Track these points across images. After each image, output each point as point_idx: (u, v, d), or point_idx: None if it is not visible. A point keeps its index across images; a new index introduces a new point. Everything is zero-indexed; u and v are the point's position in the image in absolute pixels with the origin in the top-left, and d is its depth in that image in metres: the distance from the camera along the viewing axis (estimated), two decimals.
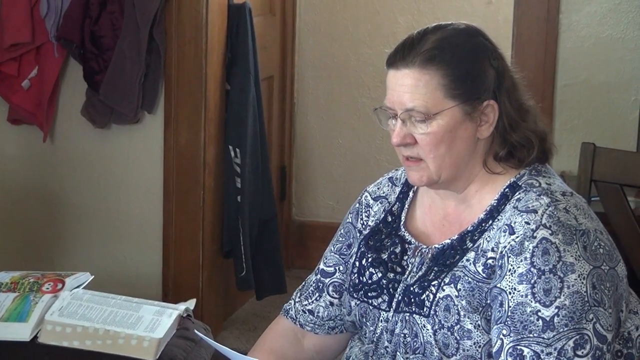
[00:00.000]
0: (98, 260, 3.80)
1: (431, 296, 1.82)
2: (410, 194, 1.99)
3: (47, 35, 3.63)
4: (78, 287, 2.56)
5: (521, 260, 1.74)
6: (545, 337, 1.71)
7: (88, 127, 3.74)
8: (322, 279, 2.03)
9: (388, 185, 2.03)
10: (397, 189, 2.01)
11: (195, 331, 1.95)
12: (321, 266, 2.05)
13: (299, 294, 2.07)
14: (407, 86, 1.81)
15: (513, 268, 1.74)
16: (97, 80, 3.61)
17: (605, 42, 3.59)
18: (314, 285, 2.05)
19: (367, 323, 1.93)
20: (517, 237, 1.76)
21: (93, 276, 2.68)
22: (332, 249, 2.05)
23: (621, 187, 2.40)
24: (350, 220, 2.05)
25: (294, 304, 2.07)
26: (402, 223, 1.96)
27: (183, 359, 2.36)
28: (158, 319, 2.39)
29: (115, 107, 3.65)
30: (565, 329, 1.70)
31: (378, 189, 2.04)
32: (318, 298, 2.03)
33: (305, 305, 2.05)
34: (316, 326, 2.04)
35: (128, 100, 3.60)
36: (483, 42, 1.86)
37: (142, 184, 3.76)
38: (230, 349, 1.85)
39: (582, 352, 1.70)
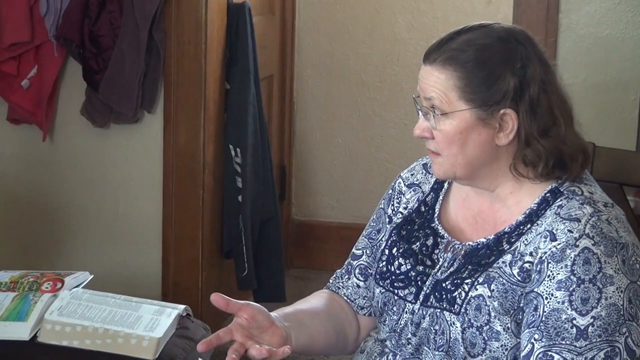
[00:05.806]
0: (97, 259, 3.79)
1: (463, 294, 1.82)
2: (445, 185, 2.00)
3: (46, 34, 3.63)
4: (77, 286, 2.56)
5: (561, 267, 1.74)
6: (577, 345, 1.71)
7: (87, 126, 3.73)
8: (351, 261, 2.08)
9: (422, 173, 2.04)
10: (432, 179, 2.02)
11: None
12: (353, 249, 2.09)
13: (334, 276, 2.10)
14: (429, 81, 1.83)
15: (552, 274, 1.74)
16: (96, 80, 3.61)
17: (604, 41, 3.59)
18: (345, 267, 2.09)
19: (390, 312, 1.93)
20: (559, 244, 1.75)
21: (92, 275, 2.68)
22: (364, 232, 2.08)
23: (621, 186, 2.40)
24: (382, 206, 2.07)
25: (331, 283, 2.10)
26: (435, 215, 1.97)
27: (183, 359, 2.36)
28: (157, 319, 2.39)
29: (114, 107, 3.64)
30: (598, 339, 1.71)
31: (412, 175, 2.05)
32: (347, 280, 2.07)
33: (339, 284, 2.08)
34: (349, 301, 2.06)
35: (127, 100, 3.59)
36: (514, 47, 1.81)
37: (141, 183, 3.76)
38: None
39: None
